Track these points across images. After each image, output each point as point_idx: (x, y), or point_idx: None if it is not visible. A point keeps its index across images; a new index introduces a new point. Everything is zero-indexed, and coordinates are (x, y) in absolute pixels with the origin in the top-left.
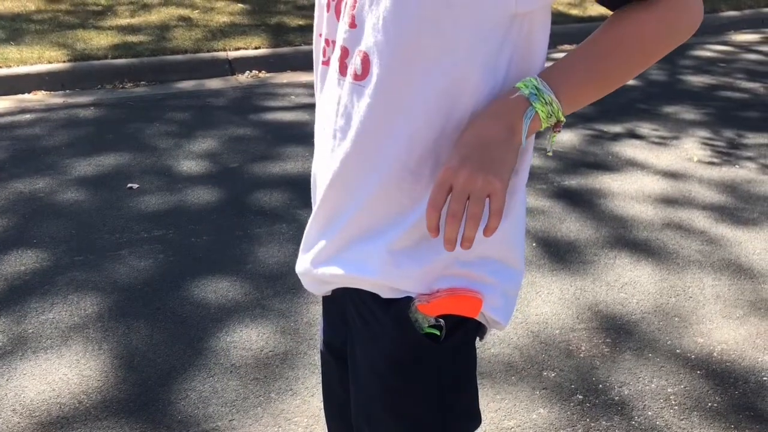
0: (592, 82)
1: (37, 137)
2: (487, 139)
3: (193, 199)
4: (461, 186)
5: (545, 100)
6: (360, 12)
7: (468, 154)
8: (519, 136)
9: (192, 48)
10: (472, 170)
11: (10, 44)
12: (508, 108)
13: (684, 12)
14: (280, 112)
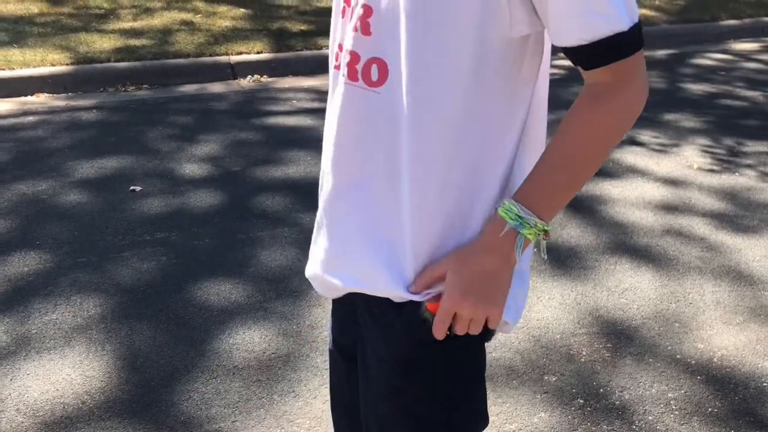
0: (565, 190)
1: (40, 139)
2: (485, 273)
3: (195, 202)
4: (465, 316)
5: (530, 224)
6: (374, 21)
7: (469, 287)
8: (512, 260)
9: (194, 52)
10: (474, 303)
11: (13, 47)
12: (500, 242)
13: (634, 100)
14: (282, 116)
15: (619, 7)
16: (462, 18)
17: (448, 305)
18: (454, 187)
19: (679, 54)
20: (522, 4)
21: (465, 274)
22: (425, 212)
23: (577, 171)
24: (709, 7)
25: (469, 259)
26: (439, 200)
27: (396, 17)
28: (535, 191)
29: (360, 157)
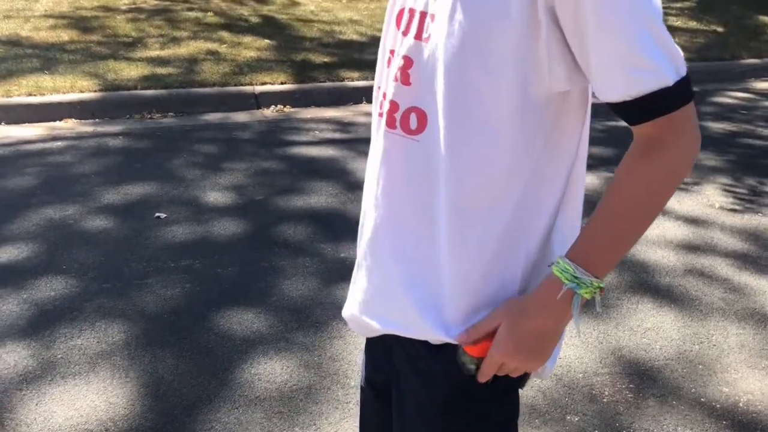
0: (620, 246)
1: (68, 164)
2: (540, 332)
3: (219, 230)
4: (512, 368)
5: (586, 284)
6: (416, 72)
7: (522, 343)
8: (567, 318)
9: (220, 81)
10: (524, 360)
11: (44, 73)
12: (556, 302)
13: (683, 155)
14: (305, 146)
15: (663, 61)
16: (500, 72)
17: (498, 358)
18: (494, 236)
19: (699, 92)
20: (563, 60)
21: (519, 334)
22: (465, 258)
23: (631, 227)
24: (729, 45)
25: (524, 318)
26: (479, 247)
27: (435, 69)
28: (589, 250)
29: (400, 201)
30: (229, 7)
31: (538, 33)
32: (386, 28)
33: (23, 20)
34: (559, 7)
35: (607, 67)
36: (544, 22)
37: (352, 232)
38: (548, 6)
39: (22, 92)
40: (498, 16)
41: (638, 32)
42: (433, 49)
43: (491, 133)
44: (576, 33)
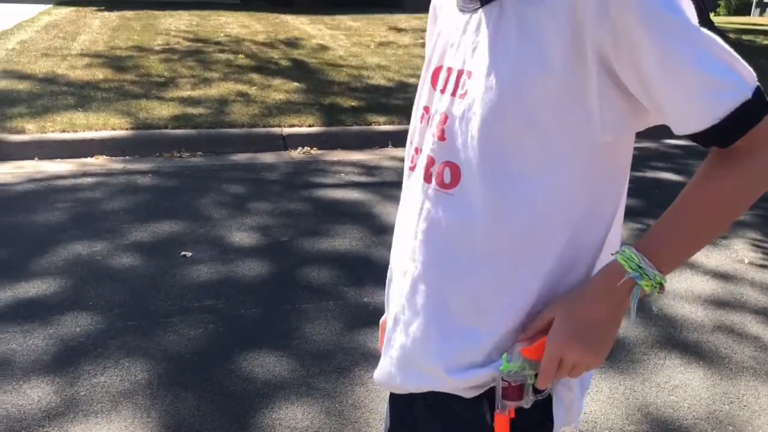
0: (690, 247)
1: (97, 201)
2: (596, 320)
3: (243, 270)
4: (570, 362)
5: (649, 276)
6: (450, 127)
7: (577, 332)
8: (624, 309)
9: (248, 122)
10: (581, 351)
11: (78, 110)
12: (616, 290)
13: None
14: (330, 189)
15: (736, 77)
16: (543, 124)
17: (554, 349)
18: (536, 285)
19: None
20: (616, 108)
21: (575, 321)
22: (507, 308)
23: (703, 231)
24: None
25: (580, 305)
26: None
27: (471, 124)
28: (658, 244)
29: (437, 254)
30: (260, 50)
31: (587, 84)
32: (421, 85)
33: (60, 58)
34: (615, 57)
35: (684, 101)
36: (595, 73)
37: (375, 276)
38: (600, 56)
39: (56, 128)
40: (540, 70)
41: (704, 58)
42: (469, 104)
43: (532, 185)
44: (639, 79)
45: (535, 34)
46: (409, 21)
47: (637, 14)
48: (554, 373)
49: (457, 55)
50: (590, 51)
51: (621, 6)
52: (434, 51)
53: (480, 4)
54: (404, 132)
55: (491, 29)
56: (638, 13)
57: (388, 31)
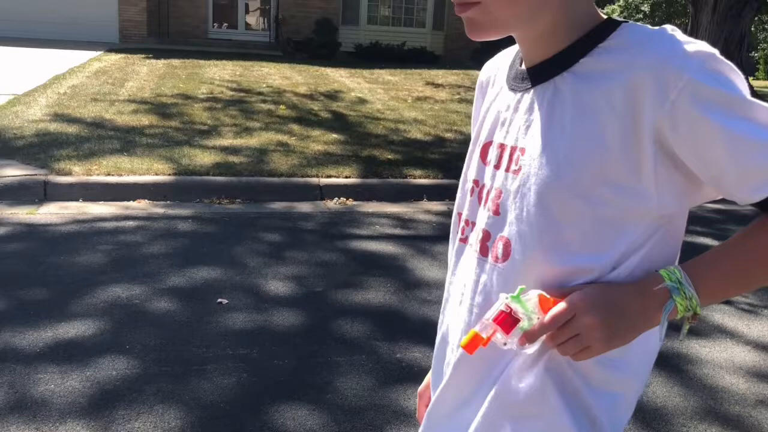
0: (733, 284)
1: (138, 244)
2: (625, 311)
3: (278, 320)
4: (577, 328)
5: (686, 294)
6: (504, 202)
7: (604, 307)
8: (651, 322)
9: (287, 172)
10: (596, 323)
11: (123, 154)
12: (651, 294)
13: None
14: (365, 240)
15: None
16: (598, 204)
17: (572, 306)
18: None
19: None
20: (672, 185)
21: (604, 297)
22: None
23: (754, 275)
24: None
25: (616, 290)
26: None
27: (525, 199)
28: (705, 272)
29: None
30: (300, 102)
31: (644, 162)
32: (470, 158)
33: (108, 104)
34: (674, 137)
35: (747, 172)
36: (652, 152)
37: (408, 332)
38: (658, 136)
39: (101, 171)
40: (596, 149)
41: (764, 128)
42: (524, 180)
43: (588, 259)
44: (700, 157)
45: (592, 113)
46: (446, 77)
47: (696, 96)
48: (551, 329)
49: (510, 132)
50: (648, 131)
51: (681, 89)
52: (482, 127)
53: (532, 84)
54: (440, 186)
55: (545, 108)
56: (698, 95)
57: (426, 86)
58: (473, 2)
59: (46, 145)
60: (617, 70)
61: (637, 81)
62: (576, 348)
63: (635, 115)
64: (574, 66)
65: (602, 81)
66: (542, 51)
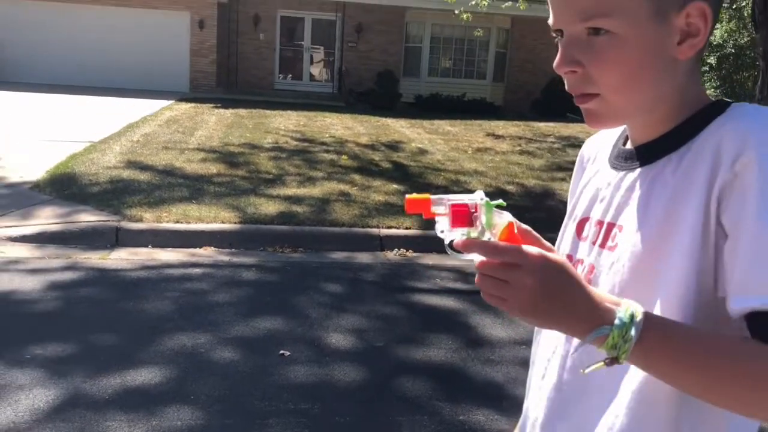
0: (682, 367)
1: (203, 292)
2: (564, 302)
3: (339, 374)
4: (514, 278)
5: (624, 336)
6: (597, 278)
7: (551, 283)
8: (575, 329)
9: (348, 222)
10: (530, 290)
11: (191, 202)
12: (598, 309)
13: None
14: (426, 294)
15: None
16: (677, 286)
17: (522, 256)
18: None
19: None
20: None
21: (556, 273)
22: None
23: (711, 371)
24: None
25: (572, 279)
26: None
27: (617, 276)
28: (664, 332)
29: (584, 407)
30: (362, 152)
31: (709, 242)
32: (563, 233)
33: (179, 152)
34: (723, 215)
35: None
36: (713, 232)
37: (471, 393)
38: (717, 215)
39: (170, 219)
40: (688, 232)
41: None
42: (618, 256)
43: None
44: (732, 228)
45: (688, 195)
46: (507, 128)
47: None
48: (490, 257)
49: (608, 210)
50: (713, 206)
51: (746, 164)
52: (579, 202)
53: (637, 164)
54: None
55: (647, 188)
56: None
57: (486, 137)
58: (593, 94)
59: (119, 191)
60: (713, 150)
61: (718, 152)
62: (494, 291)
63: (711, 196)
64: (680, 148)
65: (701, 162)
66: (650, 133)
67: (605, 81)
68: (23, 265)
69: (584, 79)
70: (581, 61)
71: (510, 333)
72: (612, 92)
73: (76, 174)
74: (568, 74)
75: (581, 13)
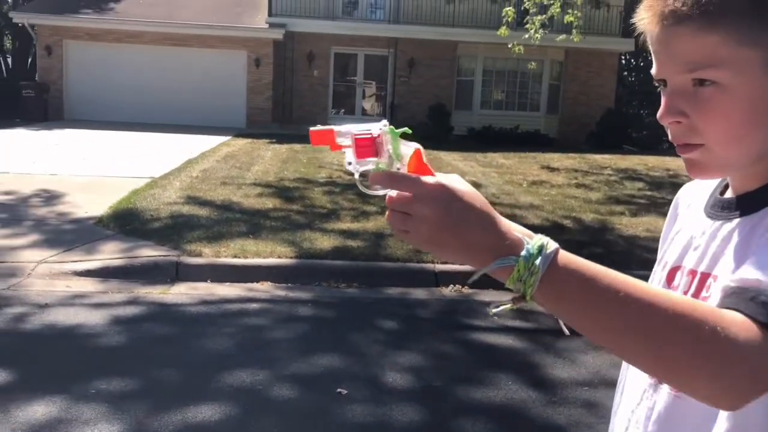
0: (590, 304)
1: (261, 328)
2: (467, 235)
3: (397, 415)
4: (414, 209)
5: (531, 268)
6: None
7: (451, 215)
8: (480, 260)
9: (403, 257)
10: (429, 221)
11: (249, 237)
12: (506, 239)
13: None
14: (483, 332)
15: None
16: None
17: (419, 186)
18: None
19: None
20: None
21: (457, 203)
22: None
23: (619, 312)
24: None
25: (476, 208)
26: None
27: None
28: (576, 269)
29: None
30: None
31: None
32: (652, 279)
33: (236, 187)
34: None
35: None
36: None
37: None
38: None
39: (228, 254)
40: None
41: None
42: None
43: None
44: None
45: None
46: (562, 160)
47: None
48: (394, 188)
49: (703, 259)
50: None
51: None
52: (670, 249)
53: (736, 214)
54: None
55: (744, 237)
56: None
57: (541, 170)
58: (697, 144)
59: (179, 226)
60: None
61: None
62: (398, 224)
63: None
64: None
65: None
66: (752, 182)
67: (711, 133)
68: (88, 299)
69: (689, 129)
70: (686, 112)
71: (572, 374)
72: (718, 144)
73: (137, 209)
74: (672, 124)
75: (688, 64)
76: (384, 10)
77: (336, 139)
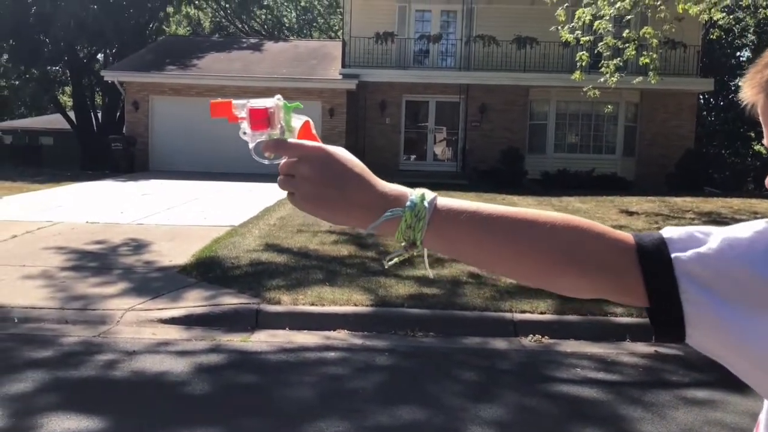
0: (478, 236)
1: (340, 377)
2: (349, 183)
3: None
4: (297, 170)
5: (418, 214)
6: None
7: (328, 168)
8: (367, 219)
9: (480, 306)
10: (309, 180)
11: (325, 284)
12: (387, 196)
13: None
14: (568, 385)
15: None
16: None
17: (298, 148)
18: None
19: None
20: None
21: (335, 162)
22: None
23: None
24: None
25: (347, 158)
26: None
27: None
28: (456, 210)
29: None
30: None
31: None
32: None
33: (312, 234)
34: None
35: None
36: None
37: None
38: None
39: (306, 301)
40: None
41: None
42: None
43: None
44: None
45: None
46: (641, 204)
47: None
48: (284, 154)
49: None
50: None
51: None
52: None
53: None
54: (644, 325)
55: None
56: None
57: (619, 214)
58: None
59: (258, 274)
60: None
61: None
62: (284, 186)
63: None
64: None
65: None
66: None
67: None
68: (173, 347)
69: None
70: None
71: (660, 428)
72: None
73: (219, 257)
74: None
75: None
76: (454, 58)
77: (233, 111)
